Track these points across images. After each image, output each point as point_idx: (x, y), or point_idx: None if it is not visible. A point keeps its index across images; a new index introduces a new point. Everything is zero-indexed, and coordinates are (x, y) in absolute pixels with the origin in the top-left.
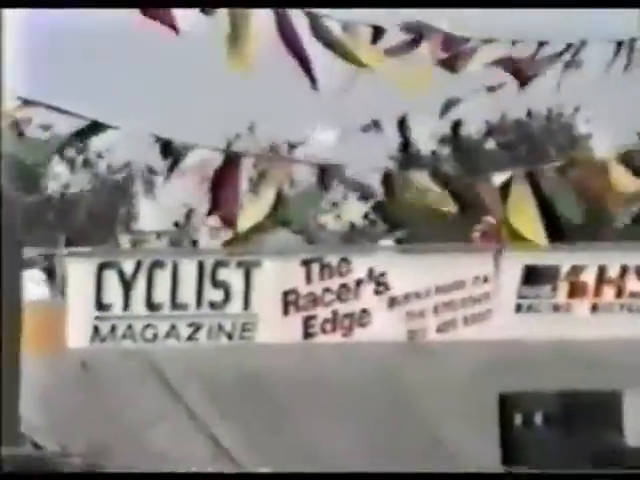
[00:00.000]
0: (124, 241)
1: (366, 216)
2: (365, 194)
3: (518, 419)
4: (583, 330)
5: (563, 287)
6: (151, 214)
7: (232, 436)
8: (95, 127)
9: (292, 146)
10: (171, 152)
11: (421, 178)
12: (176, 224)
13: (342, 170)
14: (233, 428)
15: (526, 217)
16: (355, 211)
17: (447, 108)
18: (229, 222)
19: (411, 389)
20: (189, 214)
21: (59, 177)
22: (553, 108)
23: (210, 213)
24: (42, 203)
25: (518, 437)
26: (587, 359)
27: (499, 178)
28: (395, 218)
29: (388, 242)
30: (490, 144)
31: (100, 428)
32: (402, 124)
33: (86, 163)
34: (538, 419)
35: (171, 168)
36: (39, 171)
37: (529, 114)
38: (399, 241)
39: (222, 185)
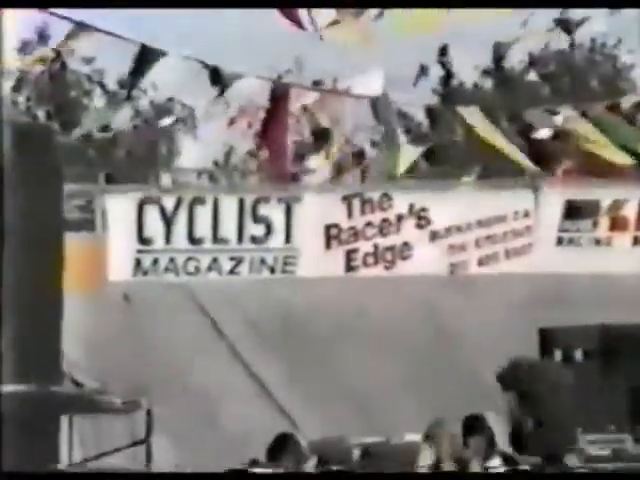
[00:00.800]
0: (165, 179)
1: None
2: (411, 129)
3: (558, 355)
4: (624, 263)
5: (604, 221)
6: (192, 152)
7: (272, 370)
8: (143, 56)
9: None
10: (219, 80)
11: (468, 113)
12: (216, 162)
13: (391, 104)
14: (273, 362)
15: (599, 145)
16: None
17: (491, 41)
18: (277, 157)
19: (452, 322)
20: (229, 152)
21: (100, 112)
22: (596, 38)
23: (259, 148)
24: (83, 139)
25: (557, 372)
26: (628, 293)
27: (557, 119)
28: (440, 153)
29: (430, 177)
30: (532, 76)
31: (140, 363)
32: (443, 54)
33: (129, 98)
34: (578, 355)
35: (219, 94)
36: (80, 106)
37: (572, 45)
38: (440, 176)
39: (270, 119)
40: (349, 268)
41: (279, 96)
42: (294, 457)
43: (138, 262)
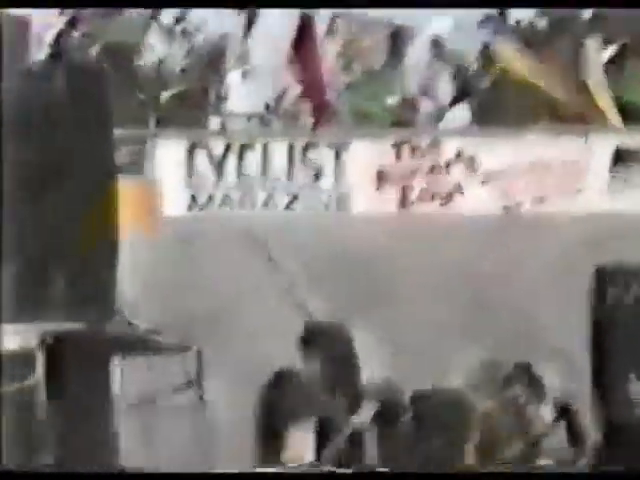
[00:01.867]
0: (214, 123)
1: (456, 99)
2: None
3: (612, 294)
4: None
5: None
6: (242, 96)
7: (326, 309)
8: None
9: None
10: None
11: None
12: (267, 106)
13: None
14: (327, 300)
15: None
16: (446, 90)
17: None
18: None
19: (504, 262)
20: (280, 96)
21: (153, 50)
22: None
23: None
24: (133, 80)
25: (611, 313)
26: None
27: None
28: (485, 95)
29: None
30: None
31: (194, 302)
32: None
33: (183, 34)
34: (632, 294)
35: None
36: (132, 45)
37: None
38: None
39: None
40: (402, 206)
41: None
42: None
43: (191, 201)
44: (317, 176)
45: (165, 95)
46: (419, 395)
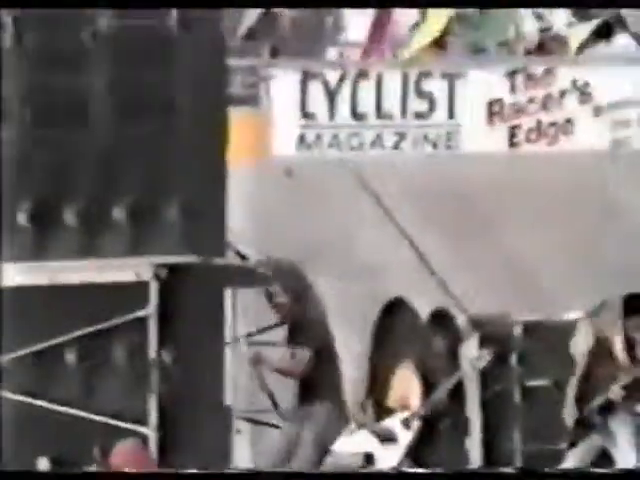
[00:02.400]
0: (330, 52)
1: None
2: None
3: None
4: None
5: None
6: (359, 26)
7: (435, 245)
8: None
9: None
10: None
11: None
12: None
13: None
14: (436, 237)
15: None
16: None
17: None
18: None
19: (617, 200)
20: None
21: None
22: None
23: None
24: (248, 13)
25: None
26: None
27: None
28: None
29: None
30: None
31: (304, 237)
32: None
33: None
34: None
35: None
36: None
37: None
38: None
39: None
40: (512, 144)
41: None
42: (451, 333)
43: (302, 137)
44: (430, 108)
45: (279, 25)
46: (528, 327)
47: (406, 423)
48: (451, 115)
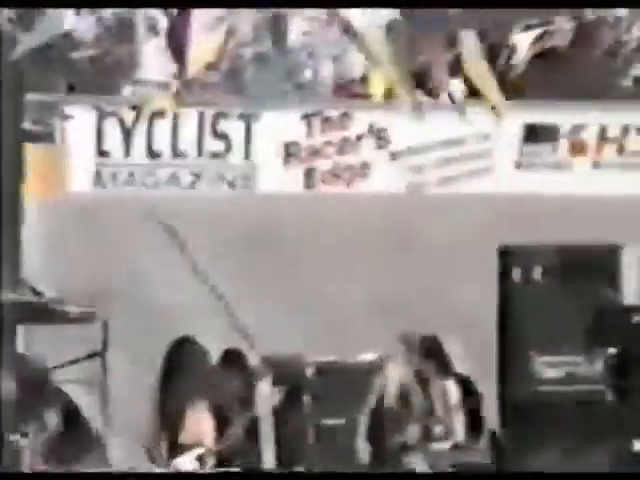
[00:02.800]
0: (125, 90)
1: None
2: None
3: (517, 273)
4: (584, 187)
5: (564, 145)
6: (153, 63)
7: (231, 284)
8: None
9: None
10: None
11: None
12: (179, 74)
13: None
14: (233, 276)
15: None
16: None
17: None
18: None
19: (411, 241)
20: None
21: (63, 19)
22: None
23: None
24: (44, 46)
25: (516, 291)
26: (587, 215)
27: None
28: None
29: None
30: None
31: (99, 275)
32: None
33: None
34: (537, 273)
35: None
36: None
37: None
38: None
39: None
40: (308, 185)
41: None
42: (244, 372)
43: (98, 174)
44: (227, 149)
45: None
46: (320, 368)
47: (201, 460)
48: (247, 155)
